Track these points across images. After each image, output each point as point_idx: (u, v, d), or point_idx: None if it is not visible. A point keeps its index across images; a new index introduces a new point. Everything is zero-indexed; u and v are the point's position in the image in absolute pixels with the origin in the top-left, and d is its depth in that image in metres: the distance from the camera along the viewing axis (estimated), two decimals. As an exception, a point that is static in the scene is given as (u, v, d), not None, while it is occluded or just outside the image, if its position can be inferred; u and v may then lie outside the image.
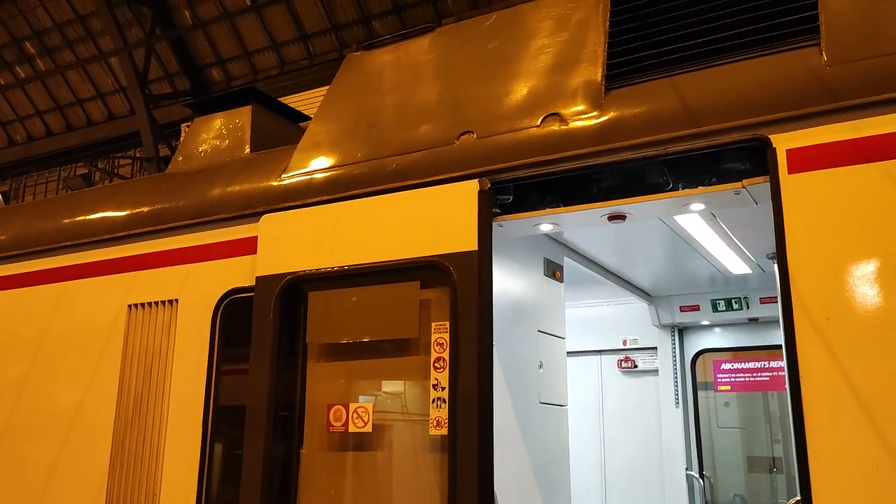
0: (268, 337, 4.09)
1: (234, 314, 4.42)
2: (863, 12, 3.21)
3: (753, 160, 3.36)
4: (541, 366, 4.85)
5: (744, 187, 3.36)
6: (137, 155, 21.06)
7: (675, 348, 7.63)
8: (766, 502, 7.61)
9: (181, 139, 17.83)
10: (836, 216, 2.97)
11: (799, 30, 3.33)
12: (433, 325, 3.76)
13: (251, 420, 4.02)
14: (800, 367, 2.90)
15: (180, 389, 4.47)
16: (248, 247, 4.45)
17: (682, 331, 7.72)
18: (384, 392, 4.02)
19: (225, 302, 4.45)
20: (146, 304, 4.77)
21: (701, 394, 7.83)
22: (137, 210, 5.11)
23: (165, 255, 4.81)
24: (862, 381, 2.79)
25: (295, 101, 14.03)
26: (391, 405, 3.98)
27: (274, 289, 4.16)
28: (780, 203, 3.07)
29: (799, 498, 2.90)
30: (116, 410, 4.67)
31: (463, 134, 3.97)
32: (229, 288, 4.44)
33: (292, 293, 4.17)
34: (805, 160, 3.08)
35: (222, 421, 4.35)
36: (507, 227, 3.95)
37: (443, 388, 3.61)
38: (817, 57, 3.20)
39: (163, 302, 4.70)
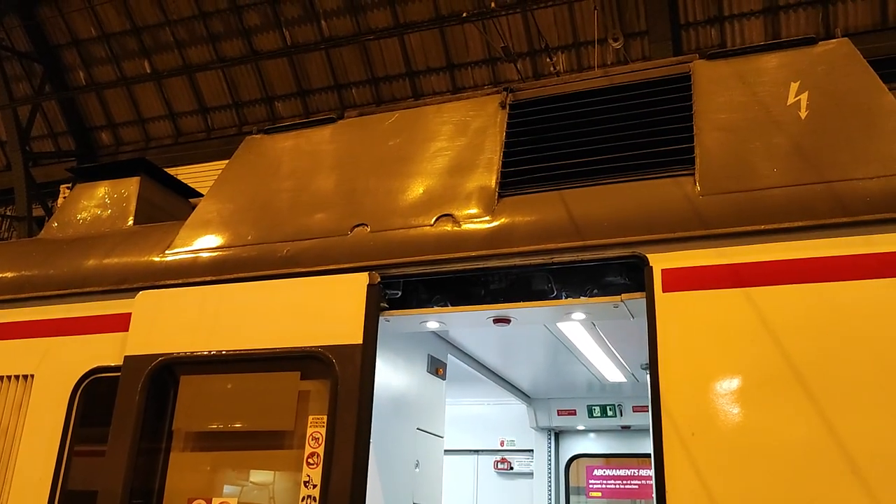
0: (130, 420, 3.84)
1: (95, 394, 4.14)
2: (733, 149, 3.51)
3: (632, 276, 3.53)
4: (417, 465, 4.76)
5: (622, 301, 3.52)
6: (9, 213, 19.83)
7: (550, 452, 7.70)
8: None
9: (58, 203, 16.96)
10: (704, 335, 3.14)
11: (676, 160, 3.59)
12: (310, 418, 3.64)
13: (101, 511, 3.71)
14: (666, 479, 2.99)
15: (26, 472, 4.09)
16: (118, 323, 4.21)
17: (558, 434, 7.82)
18: (251, 486, 3.81)
19: (87, 381, 4.16)
20: (-3, 378, 4.39)
21: (573, 498, 7.88)
22: (0, 275, 4.76)
23: (24, 327, 4.47)
24: (723, 497, 2.89)
25: (188, 172, 13.74)
26: (258, 501, 3.78)
27: (143, 370, 3.94)
28: (655, 319, 3.22)
29: None
30: (-54, 494, 4.20)
31: (357, 226, 3.98)
32: (93, 366, 4.16)
33: (163, 376, 3.96)
34: (678, 280, 3.27)
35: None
36: (394, 323, 3.94)
37: (314, 486, 3.47)
38: (692, 186, 3.46)
39: (16, 376, 4.34)
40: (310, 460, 3.54)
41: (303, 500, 3.48)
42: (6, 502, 4.07)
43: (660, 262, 3.32)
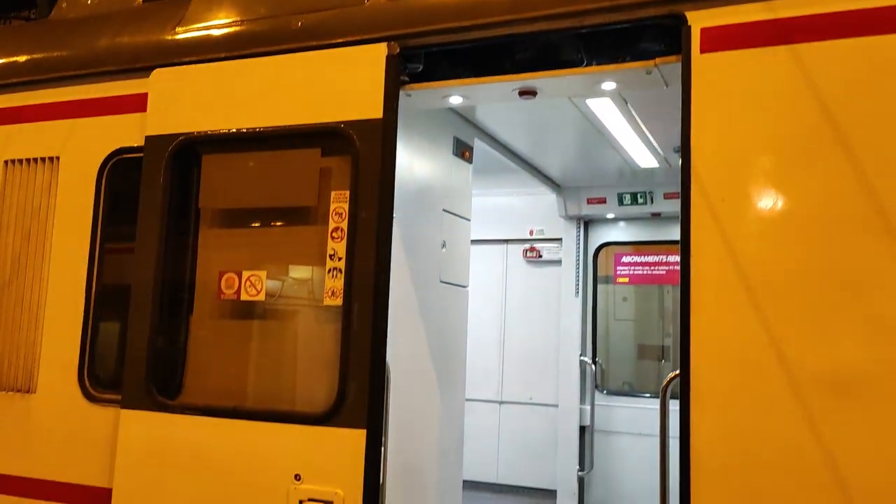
0: (157, 199, 3.88)
1: (120, 175, 4.16)
2: None
3: (668, 41, 3.29)
4: (444, 245, 4.82)
5: (656, 66, 3.30)
6: (32, 16, 19.38)
7: (579, 240, 7.77)
8: (652, 389, 8.04)
9: None
10: (743, 97, 2.94)
11: None
12: (333, 193, 3.62)
13: (137, 283, 3.85)
14: (691, 245, 2.94)
15: (62, 249, 4.22)
16: (137, 104, 4.13)
17: (587, 223, 7.85)
18: (279, 259, 3.90)
19: (111, 162, 4.17)
20: (24, 161, 4.41)
21: (600, 286, 8.07)
22: (15, 58, 4.65)
23: (46, 109, 4.42)
24: (748, 262, 2.85)
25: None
26: (285, 273, 3.87)
27: (164, 150, 3.91)
28: (690, 82, 3.02)
29: (678, 372, 2.99)
30: (-7, 273, 4.39)
31: (373, -7, 3.72)
32: (116, 147, 4.15)
33: (184, 155, 3.93)
34: (718, 40, 3.02)
35: (108, 283, 4.16)
36: (416, 97, 3.79)
37: (339, 259, 3.52)
38: (738, -68, 3.09)
39: (43, 159, 4.36)
40: (334, 234, 3.56)
41: (329, 272, 3.54)
42: (48, 278, 4.23)
43: (699, 20, 3.05)
